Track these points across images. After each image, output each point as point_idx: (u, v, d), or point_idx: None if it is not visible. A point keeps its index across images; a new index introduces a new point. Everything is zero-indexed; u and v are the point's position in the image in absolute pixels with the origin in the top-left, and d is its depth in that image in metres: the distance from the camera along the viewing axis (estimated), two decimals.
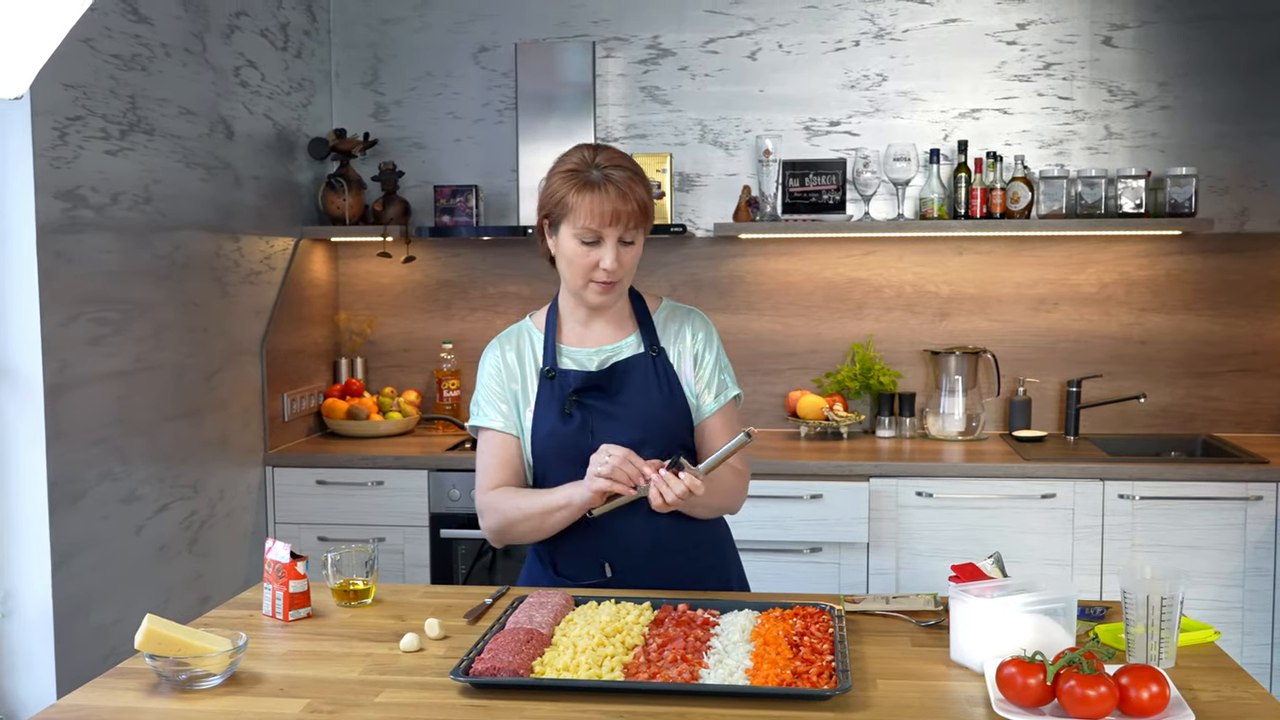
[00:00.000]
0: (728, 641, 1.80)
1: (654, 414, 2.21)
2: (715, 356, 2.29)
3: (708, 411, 2.26)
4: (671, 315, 2.31)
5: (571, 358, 2.24)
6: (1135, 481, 3.57)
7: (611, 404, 2.21)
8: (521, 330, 2.33)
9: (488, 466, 2.25)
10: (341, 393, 4.26)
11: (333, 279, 4.42)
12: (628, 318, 2.29)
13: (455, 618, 2.00)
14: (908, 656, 1.80)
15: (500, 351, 2.30)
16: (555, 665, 1.68)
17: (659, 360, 2.25)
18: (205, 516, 3.49)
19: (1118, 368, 4.14)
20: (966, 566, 1.88)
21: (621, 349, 2.26)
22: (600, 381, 2.21)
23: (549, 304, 2.33)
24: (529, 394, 2.24)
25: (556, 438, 2.20)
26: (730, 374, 2.31)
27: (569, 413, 2.19)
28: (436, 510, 3.80)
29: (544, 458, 2.22)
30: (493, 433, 2.25)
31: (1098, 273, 4.14)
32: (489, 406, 2.26)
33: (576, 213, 2.10)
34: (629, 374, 2.23)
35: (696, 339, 2.29)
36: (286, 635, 1.93)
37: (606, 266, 2.11)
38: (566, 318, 2.29)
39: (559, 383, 2.22)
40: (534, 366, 2.26)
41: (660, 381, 2.24)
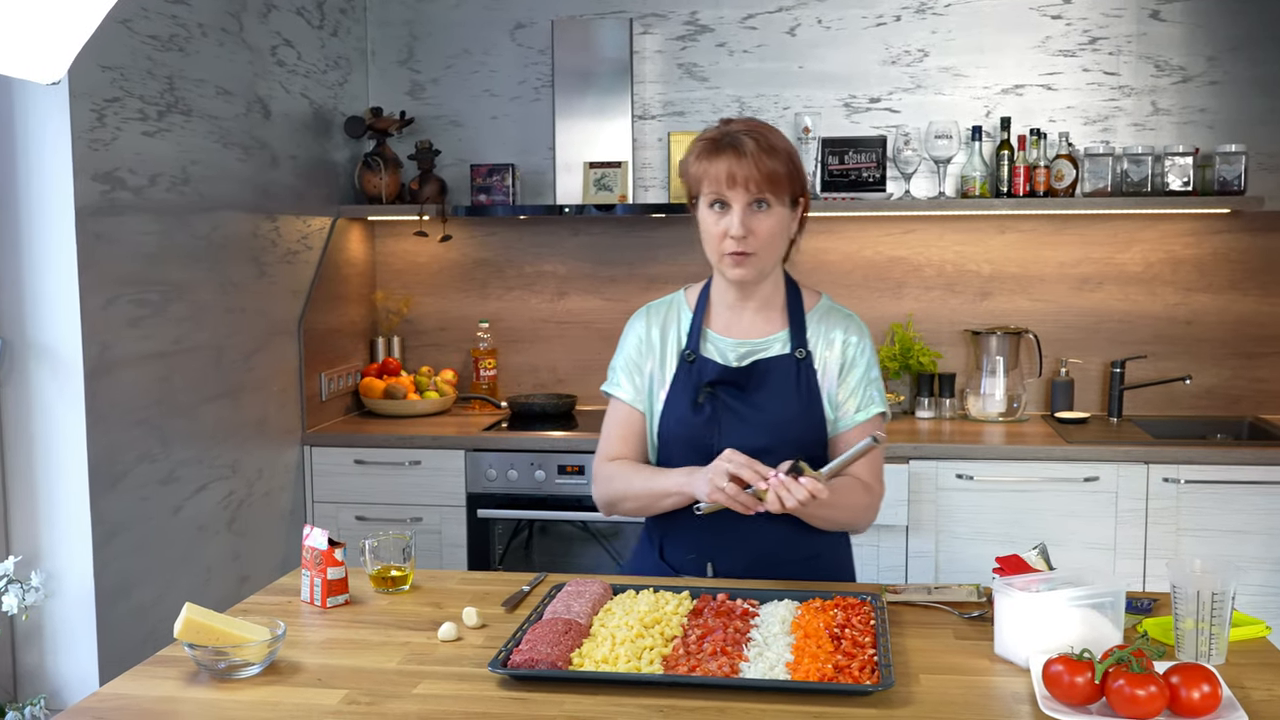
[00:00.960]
0: (768, 633, 1.78)
1: (787, 422, 2.12)
2: (866, 367, 2.18)
3: (847, 425, 2.15)
4: (826, 316, 2.20)
5: (715, 345, 2.17)
6: (1180, 465, 3.51)
7: (745, 404, 2.13)
8: (673, 304, 2.26)
9: (610, 436, 2.22)
10: (378, 372, 4.26)
11: (369, 258, 4.41)
12: (779, 311, 2.20)
13: (493, 605, 1.99)
14: (951, 650, 1.77)
15: (647, 322, 2.24)
16: (594, 657, 1.67)
17: (804, 365, 2.15)
18: (244, 496, 3.51)
19: (1162, 348, 4.08)
20: (1011, 558, 1.85)
21: (767, 346, 2.17)
22: (738, 378, 2.13)
23: (704, 282, 2.26)
24: (665, 374, 2.19)
25: (683, 427, 2.15)
26: (879, 389, 2.19)
27: (700, 403, 2.14)
28: (474, 490, 3.80)
29: (668, 443, 2.18)
30: (622, 404, 2.22)
31: (1143, 251, 4.07)
32: (624, 375, 2.22)
33: (704, 179, 2.05)
34: (769, 375, 2.14)
35: (848, 345, 2.17)
36: (324, 623, 1.93)
37: (732, 232, 2.03)
38: (717, 301, 2.21)
39: (696, 369, 2.16)
40: (676, 345, 2.20)
41: (800, 389, 2.14)
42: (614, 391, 2.24)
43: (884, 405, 2.18)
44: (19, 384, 2.73)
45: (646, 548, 2.27)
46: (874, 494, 2.15)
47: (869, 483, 2.14)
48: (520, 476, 3.77)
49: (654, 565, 2.23)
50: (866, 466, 2.12)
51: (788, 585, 2.05)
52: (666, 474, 2.10)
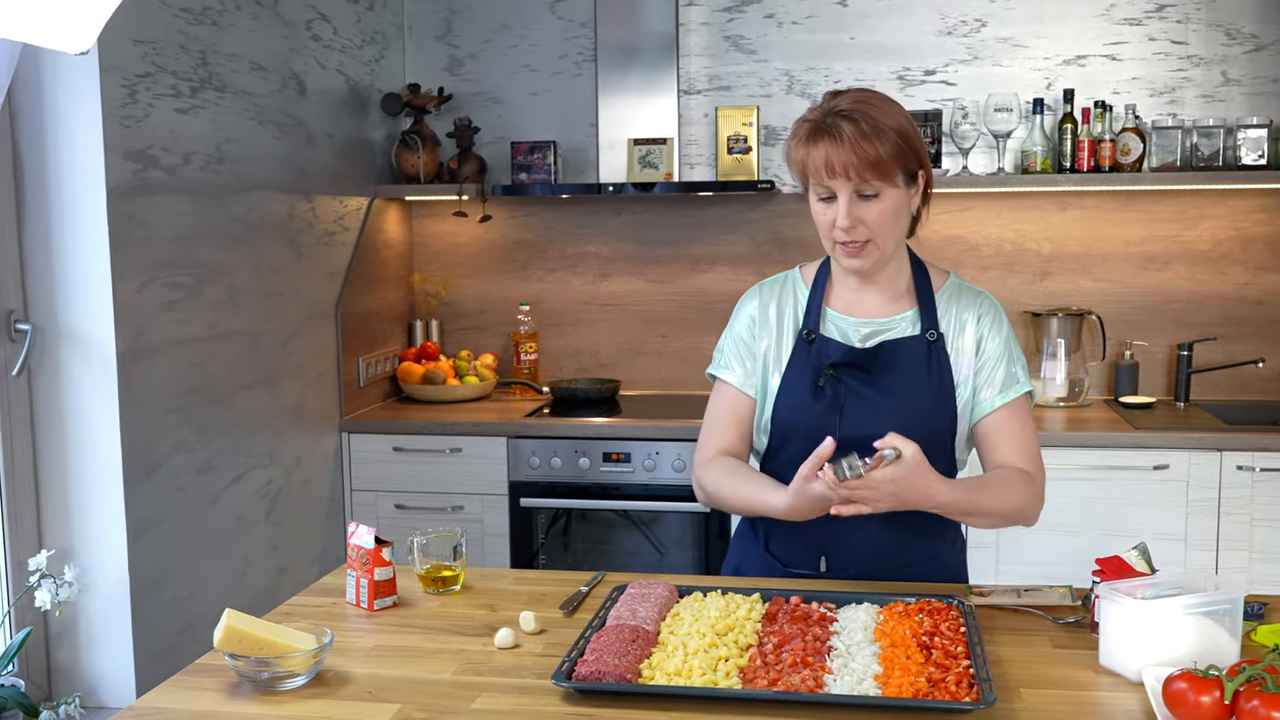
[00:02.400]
0: (850, 641, 1.64)
1: (917, 409, 1.95)
2: (1003, 343, 2.00)
3: (988, 408, 1.98)
4: (956, 295, 2.03)
5: (836, 325, 2.02)
6: (1255, 452, 3.34)
7: (872, 389, 1.96)
8: (788, 281, 2.10)
9: (715, 424, 2.07)
10: (417, 356, 4.15)
11: (407, 239, 4.30)
12: (905, 291, 2.04)
13: (549, 608, 1.87)
14: (1050, 661, 1.63)
15: (760, 300, 2.08)
16: (665, 669, 1.54)
17: (935, 347, 1.98)
18: (281, 485, 3.40)
19: (1231, 330, 3.90)
20: (1112, 560, 1.71)
21: (894, 326, 2.00)
22: (863, 360, 1.97)
23: (823, 258, 2.09)
24: (782, 355, 2.03)
25: (802, 413, 1.99)
26: (1022, 365, 2.01)
27: (821, 386, 1.98)
28: (515, 478, 3.69)
29: (784, 429, 2.02)
30: (729, 387, 2.07)
31: (1212, 229, 3.90)
32: (733, 357, 2.07)
33: (805, 167, 1.91)
34: (897, 357, 1.98)
35: (981, 323, 2.00)
36: (372, 627, 1.81)
37: (840, 224, 1.88)
38: (837, 280, 2.05)
39: (817, 350, 2.00)
40: (793, 325, 2.04)
41: (932, 373, 1.97)
42: (721, 374, 2.08)
43: (1029, 384, 2.01)
44: (50, 372, 2.63)
45: (749, 539, 2.12)
46: (1036, 483, 1.95)
47: (1029, 471, 1.95)
48: (564, 464, 3.65)
49: (760, 559, 2.09)
50: (1022, 453, 1.95)
51: (866, 587, 1.92)
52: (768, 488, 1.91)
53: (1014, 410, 1.97)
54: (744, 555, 2.13)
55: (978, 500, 1.87)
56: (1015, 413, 1.98)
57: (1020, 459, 1.95)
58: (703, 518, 3.62)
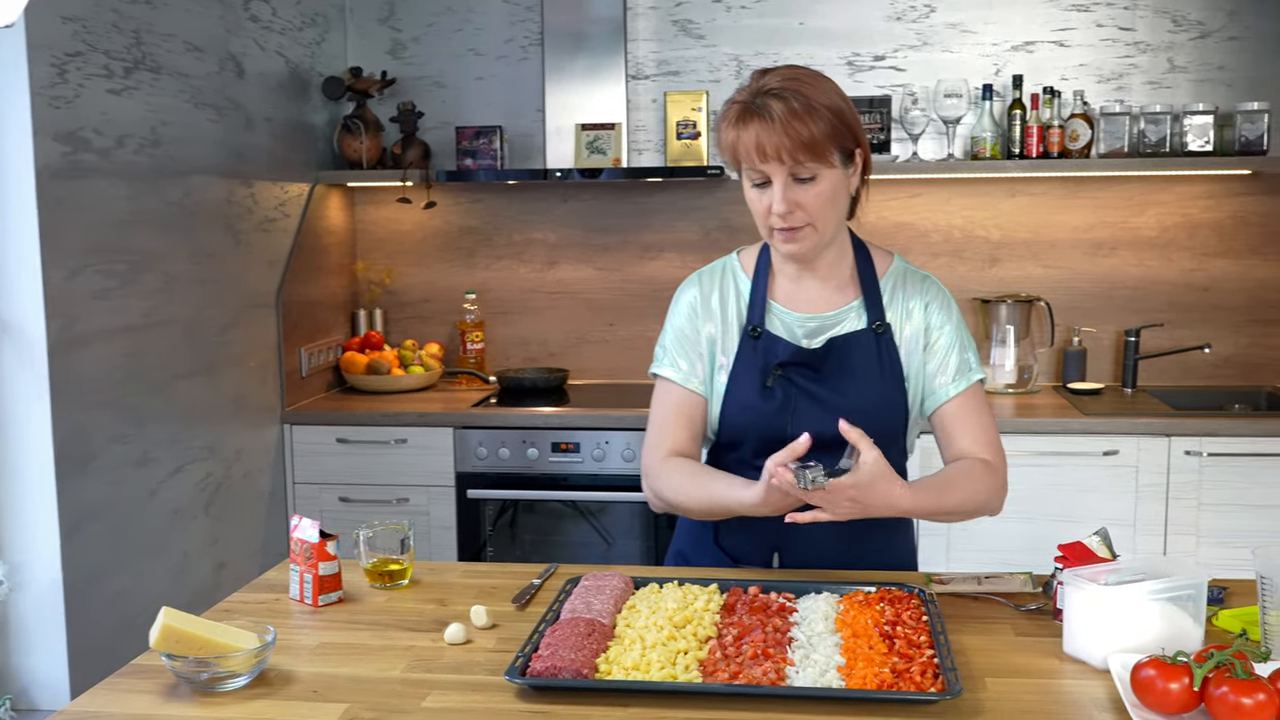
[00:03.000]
0: (810, 632, 1.61)
1: (870, 406, 1.88)
2: (953, 330, 1.94)
3: (943, 397, 1.92)
4: (901, 281, 1.97)
5: (781, 320, 1.94)
6: (1203, 437, 3.36)
7: (823, 388, 1.90)
8: (727, 270, 2.01)
9: (663, 426, 1.96)
10: (361, 346, 4.07)
11: (350, 226, 4.21)
12: (849, 279, 1.96)
13: (502, 601, 1.81)
14: (1014, 649, 1.61)
15: (700, 290, 1.99)
16: (623, 663, 1.49)
17: (883, 340, 1.92)
18: (221, 478, 3.31)
19: (1178, 316, 3.93)
20: (1074, 546, 1.68)
21: (840, 320, 1.94)
22: (812, 360, 1.90)
23: (761, 243, 1.99)
24: (728, 350, 1.95)
25: (752, 413, 1.92)
26: (974, 353, 1.96)
27: (770, 387, 1.91)
28: (462, 469, 3.62)
29: (734, 429, 1.95)
30: (674, 385, 1.97)
31: (1159, 215, 3.91)
32: (676, 353, 1.98)
33: (737, 150, 1.81)
34: (848, 354, 1.91)
35: (928, 311, 1.94)
36: (317, 624, 1.74)
37: (775, 209, 1.80)
38: (778, 268, 1.97)
39: (763, 348, 1.92)
40: (737, 317, 1.96)
41: (884, 367, 1.92)
42: (664, 372, 1.98)
43: (981, 371, 1.96)
44: None
45: (696, 531, 2.05)
46: (999, 472, 1.90)
47: (990, 460, 1.89)
48: (512, 455, 3.59)
49: (709, 553, 2.03)
50: (982, 442, 1.90)
51: (824, 576, 1.88)
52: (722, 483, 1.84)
53: (969, 398, 1.93)
54: (691, 547, 2.07)
55: (942, 500, 1.82)
56: (971, 400, 1.93)
57: (980, 448, 1.91)
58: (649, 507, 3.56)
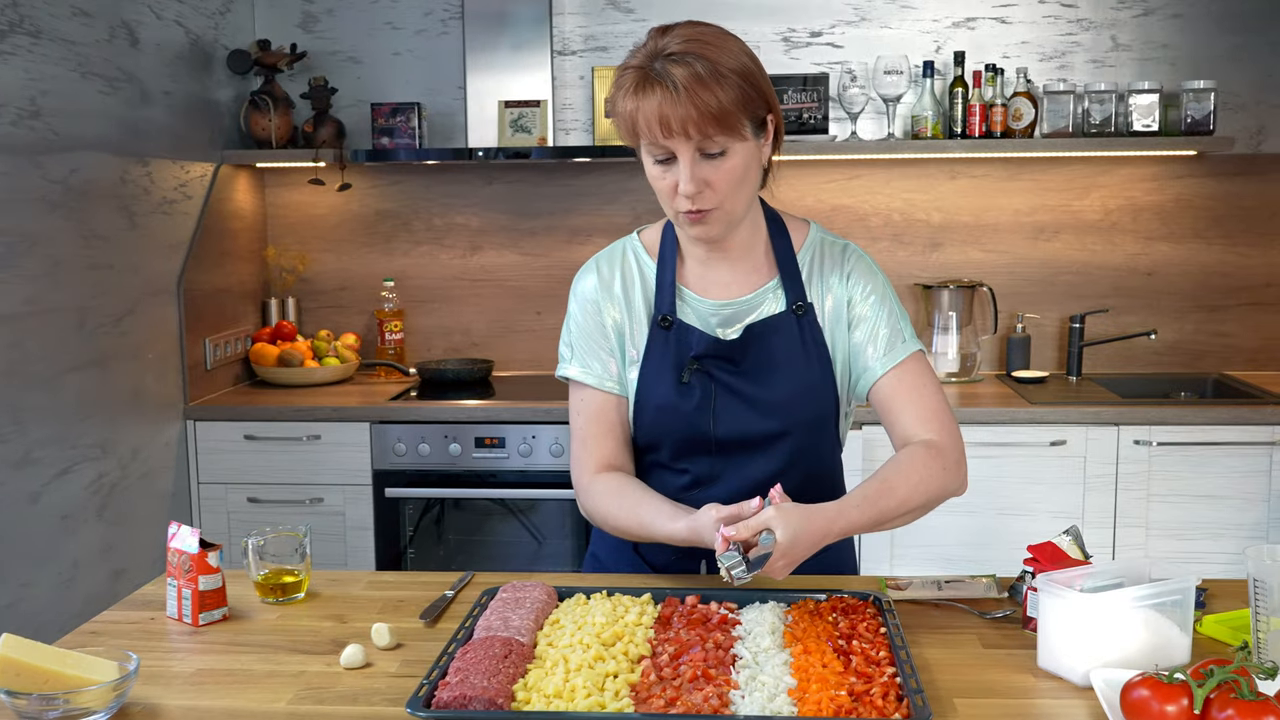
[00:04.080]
0: (756, 648, 1.43)
1: (796, 398, 1.71)
2: (878, 300, 1.75)
3: (876, 373, 1.73)
4: (819, 254, 1.78)
5: (693, 308, 1.75)
6: (1153, 426, 3.25)
7: (744, 381, 1.72)
8: (628, 253, 1.80)
9: (586, 440, 1.78)
10: (271, 336, 3.83)
11: (259, 210, 3.96)
12: (764, 258, 1.77)
13: (409, 617, 1.61)
14: (983, 664, 1.44)
15: (599, 277, 1.79)
16: (543, 690, 1.30)
17: (805, 321, 1.74)
18: (116, 479, 3.06)
19: (1122, 302, 3.82)
20: (1045, 547, 1.52)
21: (756, 304, 1.75)
22: (730, 352, 1.73)
23: (665, 220, 1.79)
24: (637, 341, 1.76)
25: (668, 413, 1.73)
26: (906, 322, 1.77)
27: (686, 382, 1.73)
28: (380, 467, 3.40)
29: (651, 430, 1.76)
30: (588, 390, 1.78)
31: (1102, 198, 3.80)
32: (584, 352, 1.79)
33: (636, 124, 1.59)
34: (767, 341, 1.72)
35: (851, 282, 1.75)
36: (196, 646, 1.53)
37: (682, 189, 1.60)
38: (686, 252, 1.78)
39: (676, 338, 1.74)
40: (644, 305, 1.76)
41: (808, 352, 1.73)
42: (574, 375, 1.79)
43: (917, 343, 1.77)
44: None
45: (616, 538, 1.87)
46: (948, 451, 1.68)
47: (936, 441, 1.68)
48: (432, 450, 3.38)
49: (627, 560, 1.84)
50: (924, 419, 1.71)
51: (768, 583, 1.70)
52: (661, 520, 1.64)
53: (906, 372, 1.73)
54: (607, 552, 1.89)
55: (883, 507, 1.62)
56: (908, 374, 1.73)
57: (923, 426, 1.71)
58: None
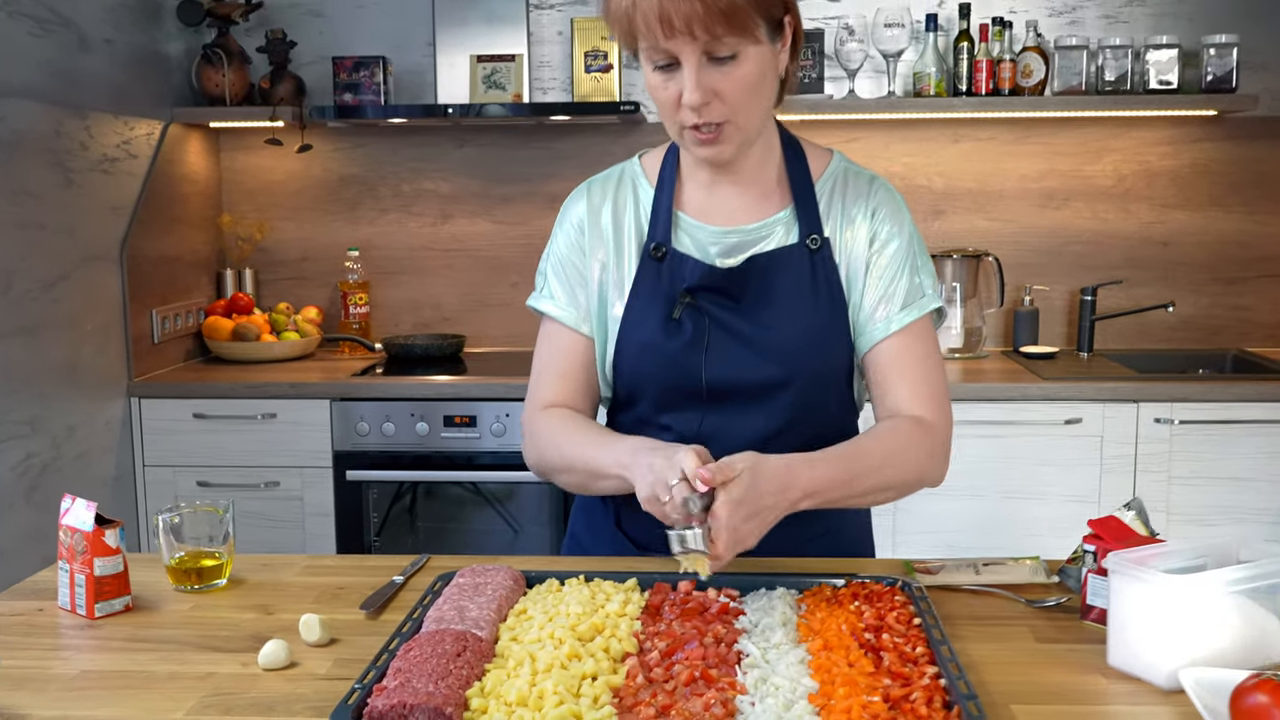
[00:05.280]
0: (766, 643, 1.18)
1: (803, 344, 1.48)
2: (904, 246, 1.52)
3: (883, 332, 1.50)
4: (842, 184, 1.55)
5: (691, 235, 1.54)
6: (1174, 403, 3.01)
7: (743, 320, 1.49)
8: (625, 177, 1.59)
9: (544, 375, 1.58)
10: (226, 310, 3.56)
11: (213, 174, 3.68)
12: (776, 184, 1.55)
13: (348, 608, 1.36)
14: (1039, 661, 1.19)
15: (589, 203, 1.57)
16: (504, 696, 1.05)
17: (819, 258, 1.50)
18: (49, 460, 2.79)
19: (1135, 273, 3.58)
20: (1108, 522, 1.28)
21: (765, 234, 1.53)
22: (728, 283, 1.50)
23: (668, 145, 1.59)
24: (624, 278, 1.54)
25: (653, 355, 1.50)
26: (929, 274, 1.55)
27: (677, 319, 1.49)
28: (342, 448, 3.14)
29: (632, 377, 1.54)
30: (557, 326, 1.58)
31: (1115, 163, 3.56)
32: (558, 283, 1.58)
33: (633, 21, 1.37)
34: (773, 277, 1.50)
35: (877, 219, 1.52)
36: (87, 643, 1.27)
37: (687, 100, 1.38)
38: (688, 173, 1.57)
39: (669, 270, 1.52)
40: (636, 236, 1.55)
41: (819, 292, 1.50)
42: (545, 307, 1.59)
43: (938, 299, 1.55)
44: None
45: (596, 512, 1.63)
46: (936, 433, 1.49)
47: (927, 419, 1.48)
48: (398, 430, 3.12)
49: (609, 539, 1.60)
50: (922, 394, 1.49)
51: (776, 565, 1.45)
52: (608, 444, 1.44)
53: (916, 336, 1.51)
54: (587, 530, 1.66)
55: (855, 470, 1.40)
56: (918, 339, 1.51)
57: (918, 402, 1.49)
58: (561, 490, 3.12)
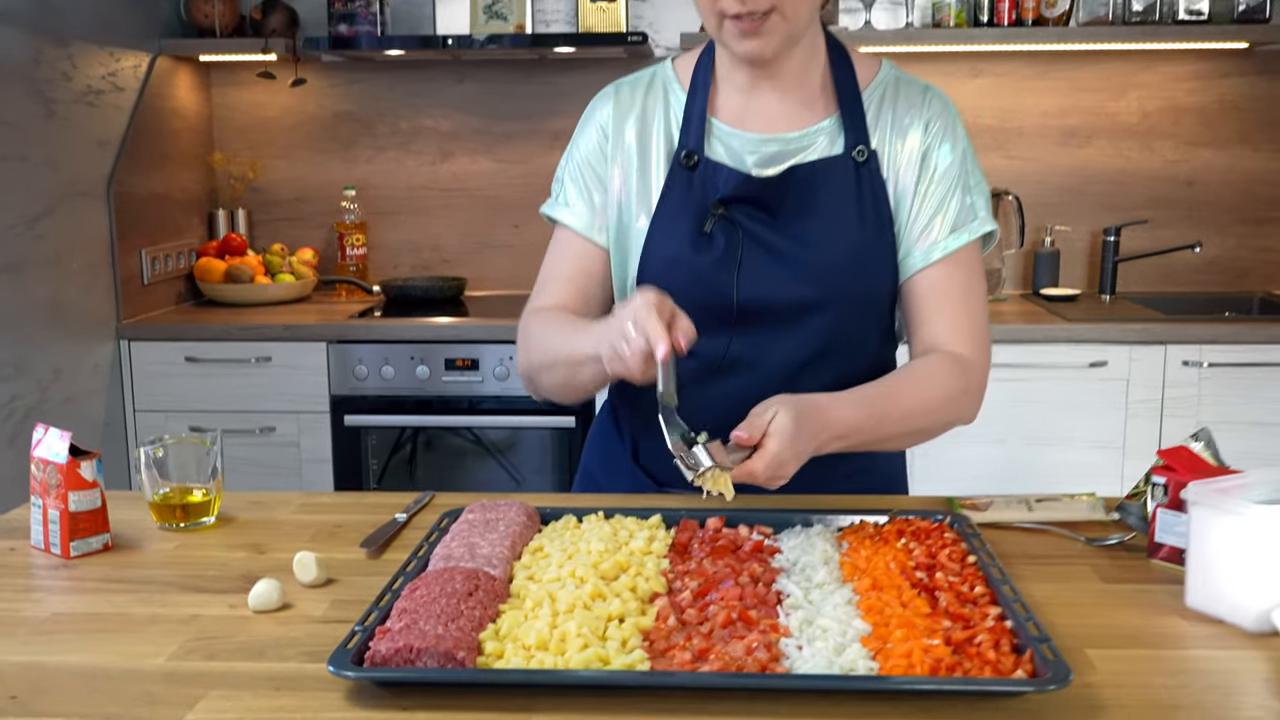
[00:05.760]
0: (806, 582, 1.07)
1: (844, 262, 1.36)
2: (958, 162, 1.40)
3: (928, 257, 1.37)
4: (893, 93, 1.42)
5: (725, 143, 1.41)
6: (1203, 345, 2.90)
7: (778, 234, 1.36)
8: (656, 81, 1.48)
9: (548, 278, 1.48)
10: (219, 251, 3.43)
11: (204, 110, 3.54)
12: (820, 91, 1.42)
13: (347, 546, 1.25)
14: (1109, 603, 1.08)
15: (616, 107, 1.45)
16: (522, 639, 0.94)
17: (866, 171, 1.38)
18: (33, 403, 2.68)
19: (1160, 214, 3.45)
20: (1178, 452, 1.17)
21: (807, 144, 1.40)
22: (765, 194, 1.37)
23: (702, 48, 1.48)
24: (650, 189, 1.42)
25: (681, 271, 1.37)
26: (983, 194, 1.42)
27: (709, 233, 1.37)
28: (340, 392, 3.03)
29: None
30: (570, 234, 1.46)
31: (1140, 99, 3.42)
32: (575, 190, 1.46)
33: None
34: (814, 189, 1.37)
35: (930, 132, 1.40)
36: (62, 584, 1.16)
37: None
38: (724, 77, 1.44)
39: (700, 180, 1.39)
40: (665, 144, 1.43)
41: (864, 208, 1.37)
42: (559, 215, 1.47)
43: (991, 222, 1.42)
44: None
45: (611, 443, 1.51)
46: (974, 372, 1.38)
47: (965, 356, 1.38)
48: (398, 374, 3.00)
49: (625, 474, 1.49)
50: (961, 328, 1.38)
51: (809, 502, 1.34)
52: (589, 329, 1.31)
53: (961, 263, 1.39)
54: (602, 465, 1.55)
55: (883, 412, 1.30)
56: (962, 267, 1.39)
57: (956, 337, 1.38)
58: (568, 435, 3.02)
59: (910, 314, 1.41)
